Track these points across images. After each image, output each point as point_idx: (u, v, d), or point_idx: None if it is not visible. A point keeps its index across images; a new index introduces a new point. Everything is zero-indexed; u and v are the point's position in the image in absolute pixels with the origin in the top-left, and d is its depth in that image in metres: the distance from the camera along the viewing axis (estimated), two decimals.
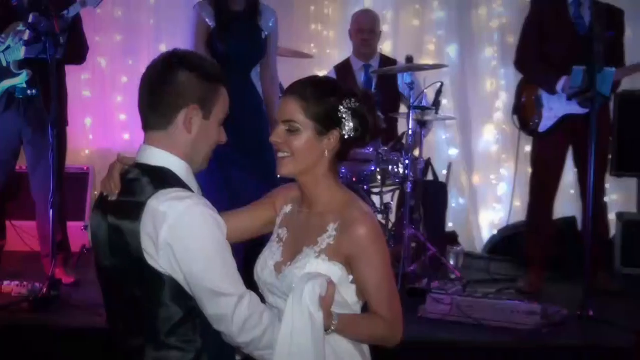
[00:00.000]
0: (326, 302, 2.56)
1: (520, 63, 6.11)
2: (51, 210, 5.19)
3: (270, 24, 5.38)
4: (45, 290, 5.03)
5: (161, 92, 2.52)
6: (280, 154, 2.76)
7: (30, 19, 5.23)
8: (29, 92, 5.40)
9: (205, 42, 5.30)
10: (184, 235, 2.40)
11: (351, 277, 2.71)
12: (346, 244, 2.69)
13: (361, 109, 2.78)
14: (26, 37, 5.31)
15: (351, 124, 2.76)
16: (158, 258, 2.41)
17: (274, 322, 2.54)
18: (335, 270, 2.68)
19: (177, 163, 2.55)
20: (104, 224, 2.53)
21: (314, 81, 2.85)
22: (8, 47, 5.42)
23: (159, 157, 2.54)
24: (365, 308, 2.80)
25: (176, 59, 2.56)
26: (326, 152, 2.75)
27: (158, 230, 2.40)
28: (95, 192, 7.25)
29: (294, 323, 2.52)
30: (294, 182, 2.88)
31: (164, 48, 7.59)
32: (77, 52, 5.69)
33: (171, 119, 2.53)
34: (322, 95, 2.74)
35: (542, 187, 6.06)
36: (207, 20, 5.31)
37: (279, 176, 2.90)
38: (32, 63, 5.40)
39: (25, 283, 5.27)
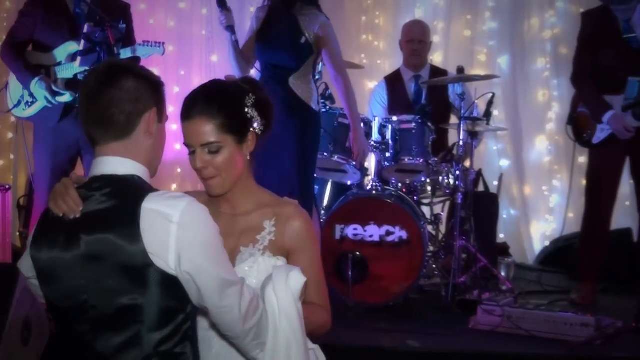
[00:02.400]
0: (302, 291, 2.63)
1: (575, 80, 6.06)
2: None
3: (314, 28, 5.35)
4: None
5: (117, 102, 2.44)
6: (207, 178, 2.72)
7: (85, 29, 5.29)
8: None
9: (250, 44, 5.43)
10: (192, 232, 2.38)
11: None
12: (286, 238, 2.74)
13: (259, 97, 2.77)
14: (81, 47, 5.37)
15: (259, 118, 2.76)
16: (168, 259, 2.36)
17: (264, 307, 2.55)
18: (279, 265, 2.71)
19: (142, 170, 2.50)
20: (74, 243, 2.41)
21: (211, 93, 2.75)
22: (60, 63, 5.48)
23: (125, 166, 2.47)
24: None
25: (118, 68, 2.50)
26: (248, 156, 2.76)
27: (166, 231, 2.36)
28: None
29: (280, 308, 2.54)
30: (197, 190, 2.89)
31: (215, 59, 7.66)
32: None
33: (133, 126, 2.47)
34: (227, 104, 2.70)
35: (598, 199, 5.99)
36: (255, 23, 5.39)
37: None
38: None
39: None
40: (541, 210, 7.84)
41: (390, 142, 5.94)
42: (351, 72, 7.08)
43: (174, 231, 2.35)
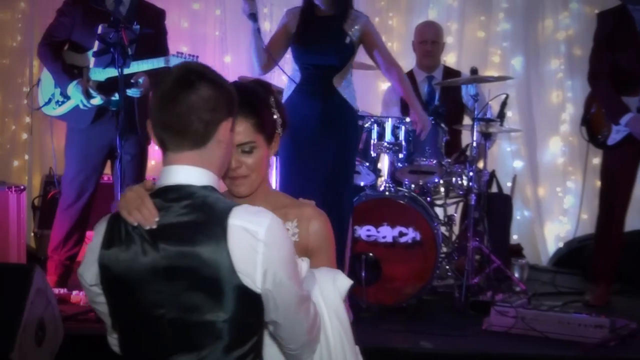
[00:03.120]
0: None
1: (593, 80, 6.02)
2: None
3: (357, 27, 5.36)
4: None
5: (197, 110, 2.36)
6: (237, 177, 2.70)
7: (99, 29, 5.31)
8: (122, 106, 5.46)
9: (281, 45, 5.40)
10: (277, 249, 2.35)
11: None
12: (310, 238, 2.78)
13: (276, 98, 2.79)
14: (95, 47, 5.40)
15: (280, 120, 2.78)
16: (255, 276, 2.31)
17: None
18: (304, 266, 2.67)
19: (215, 179, 2.44)
20: (152, 255, 2.34)
21: (247, 93, 2.73)
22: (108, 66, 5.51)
23: (199, 176, 2.40)
24: None
25: (196, 74, 2.40)
26: (271, 156, 2.80)
27: (253, 248, 2.31)
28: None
29: (330, 309, 2.57)
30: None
31: (229, 59, 7.68)
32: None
33: (210, 135, 2.40)
34: (258, 105, 2.71)
35: (612, 200, 5.97)
36: (291, 25, 5.35)
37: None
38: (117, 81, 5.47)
39: None
40: (555, 212, 7.83)
41: (403, 143, 5.93)
42: (365, 73, 7.12)
43: (261, 249, 2.31)
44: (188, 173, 2.39)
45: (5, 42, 7.60)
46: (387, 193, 5.84)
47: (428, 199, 6.12)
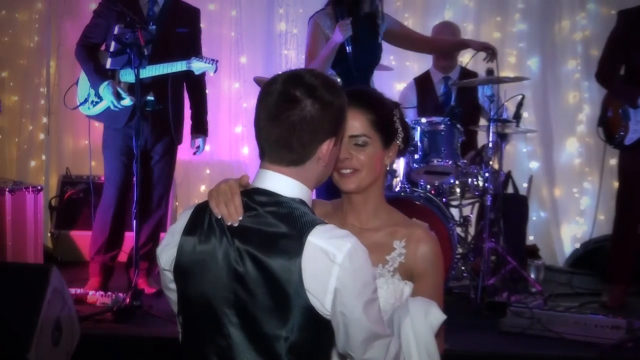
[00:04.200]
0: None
1: (601, 75, 6.02)
2: (134, 221, 5.29)
3: (388, 26, 5.47)
4: (128, 300, 5.10)
5: (296, 131, 2.32)
6: (345, 171, 2.66)
7: (116, 30, 5.34)
8: (156, 106, 5.51)
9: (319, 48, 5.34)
10: (353, 276, 2.26)
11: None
12: (416, 262, 2.67)
13: (404, 119, 2.77)
14: (111, 48, 5.42)
15: (402, 134, 2.74)
16: (324, 299, 2.26)
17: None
18: (406, 290, 2.66)
19: (307, 193, 2.41)
20: (230, 253, 2.33)
21: (372, 91, 2.81)
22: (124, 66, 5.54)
23: (292, 188, 2.38)
24: None
25: (300, 91, 2.33)
26: (387, 166, 2.73)
27: (328, 270, 2.25)
28: (177, 203, 7.35)
29: (420, 343, 2.48)
30: (319, 199, 2.82)
31: (244, 60, 7.69)
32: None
33: (309, 155, 2.37)
34: (382, 105, 2.71)
35: (629, 201, 5.94)
36: (326, 30, 5.33)
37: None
38: (160, 80, 5.52)
39: (109, 293, 5.36)
40: (571, 213, 7.80)
41: (419, 143, 5.93)
42: (380, 74, 7.11)
43: (336, 272, 2.24)
44: (281, 181, 2.37)
45: (23, 42, 7.64)
46: (402, 194, 5.84)
47: (444, 199, 6.11)
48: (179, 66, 5.47)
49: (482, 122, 6.69)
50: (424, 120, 6.01)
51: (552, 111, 7.84)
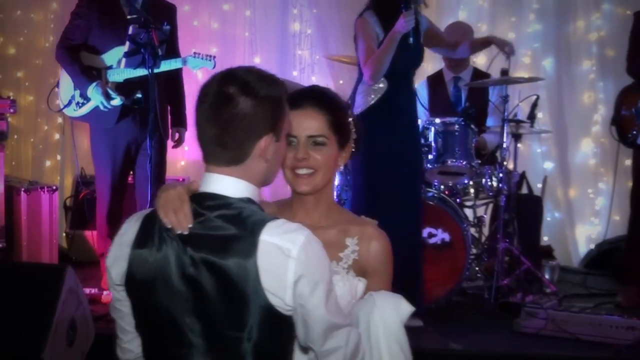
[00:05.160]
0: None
1: (633, 70, 5.97)
2: None
3: (424, 27, 5.46)
4: None
5: (230, 129, 2.31)
6: (301, 171, 2.66)
7: (130, 30, 5.34)
8: (143, 104, 5.50)
9: (377, 47, 5.28)
10: (311, 268, 2.26)
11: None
12: (369, 259, 2.70)
13: (355, 119, 2.78)
14: (126, 48, 5.42)
15: (355, 135, 2.77)
16: (284, 295, 2.24)
17: (364, 350, 2.47)
18: (360, 287, 2.68)
19: (254, 192, 2.39)
20: (183, 262, 2.30)
21: (330, 91, 2.79)
22: (111, 67, 5.54)
23: (238, 188, 2.36)
24: None
25: (234, 87, 2.32)
26: (341, 167, 2.75)
27: (284, 266, 2.24)
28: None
29: (390, 335, 2.50)
30: (264, 201, 2.78)
31: (258, 60, 7.69)
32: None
33: (245, 154, 2.35)
34: (339, 106, 2.71)
35: None
36: (377, 30, 5.28)
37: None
38: (146, 78, 5.46)
39: None
40: (586, 213, 7.78)
41: (433, 144, 5.93)
42: None
43: (293, 267, 2.24)
44: (225, 183, 2.36)
45: (38, 42, 7.66)
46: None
47: (457, 200, 6.11)
48: (174, 64, 5.48)
49: (489, 122, 6.68)
50: (438, 120, 6.00)
51: (567, 112, 7.82)
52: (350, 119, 2.75)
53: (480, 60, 7.58)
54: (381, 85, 5.25)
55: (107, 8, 5.53)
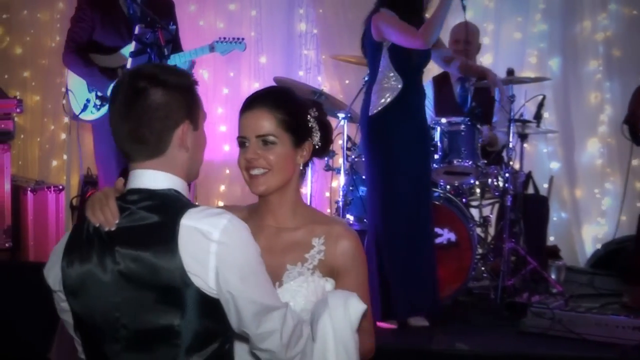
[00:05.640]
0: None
1: None
2: None
3: None
4: None
5: (145, 121, 2.33)
6: (254, 172, 2.64)
7: (136, 30, 5.35)
8: None
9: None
10: (232, 251, 2.26)
11: None
12: (336, 258, 2.65)
13: (323, 118, 2.75)
14: (132, 48, 5.43)
15: (319, 133, 2.73)
16: (207, 279, 2.25)
17: (309, 334, 2.44)
18: (328, 287, 2.63)
19: (180, 183, 2.39)
20: (109, 258, 2.31)
21: (277, 90, 2.79)
22: (124, 65, 5.55)
23: (162, 180, 2.36)
24: None
25: (144, 81, 2.34)
26: (300, 165, 2.71)
27: (205, 249, 2.25)
28: (197, 203, 7.36)
29: (337, 337, 2.46)
30: (233, 205, 2.82)
31: (264, 60, 7.70)
32: None
33: (165, 143, 2.36)
34: (291, 104, 2.68)
35: None
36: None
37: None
38: None
39: None
40: (593, 213, 7.76)
41: (439, 144, 5.92)
42: None
43: (214, 250, 2.24)
44: (149, 177, 2.37)
45: (45, 42, 7.68)
46: None
47: (463, 200, 6.11)
48: (200, 52, 5.52)
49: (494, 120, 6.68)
50: (444, 120, 6.00)
51: (573, 112, 7.81)
52: (313, 117, 2.71)
53: (486, 60, 7.58)
54: (395, 82, 5.25)
55: (107, 7, 5.53)
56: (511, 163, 5.99)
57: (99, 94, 5.59)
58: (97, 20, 5.56)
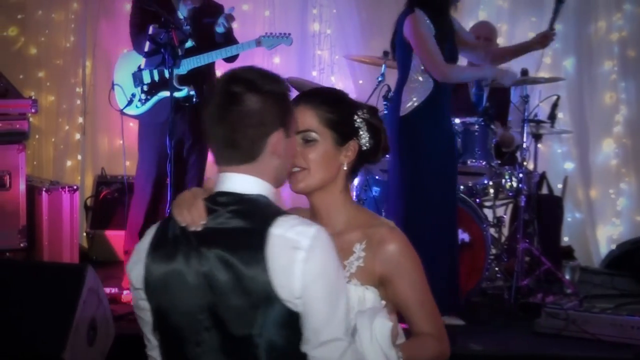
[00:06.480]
0: (393, 336, 2.40)
1: None
2: None
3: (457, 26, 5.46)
4: None
5: (239, 127, 2.31)
6: (294, 169, 2.55)
7: (150, 30, 5.37)
8: (194, 100, 5.60)
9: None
10: (320, 260, 2.23)
11: (383, 303, 2.51)
12: (378, 264, 2.53)
13: (374, 121, 2.66)
14: (146, 48, 5.45)
15: (367, 135, 2.63)
16: (292, 289, 2.20)
17: None
18: (368, 295, 2.51)
19: (269, 189, 2.36)
20: (196, 259, 2.29)
21: (324, 89, 2.75)
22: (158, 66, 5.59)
23: (252, 185, 2.34)
24: None
25: (240, 86, 2.32)
26: (344, 166, 2.61)
27: (292, 258, 2.21)
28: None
29: None
30: (294, 208, 2.75)
31: (277, 60, 7.69)
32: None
33: (258, 150, 2.33)
34: (336, 102, 2.61)
35: None
36: (430, 26, 5.23)
37: None
38: (198, 74, 5.60)
39: None
40: (607, 214, 7.74)
41: None
42: None
43: (301, 257, 2.20)
44: (239, 180, 2.34)
45: (59, 42, 7.69)
46: None
47: (477, 200, 6.09)
48: (247, 46, 5.64)
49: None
50: (457, 120, 5.98)
51: (588, 112, 7.79)
52: (360, 118, 2.63)
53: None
54: (425, 83, 5.24)
55: (162, 4, 5.58)
56: (525, 163, 5.98)
57: (145, 88, 5.67)
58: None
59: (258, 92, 2.32)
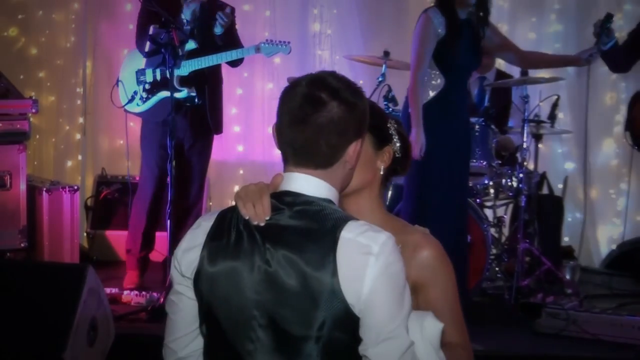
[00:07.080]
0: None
1: None
2: (168, 221, 5.30)
3: (486, 31, 5.47)
4: (162, 300, 5.12)
5: (325, 133, 2.29)
6: None
7: (150, 30, 5.38)
8: (196, 101, 5.62)
9: (431, 49, 5.27)
10: (389, 266, 2.21)
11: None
12: (413, 270, 2.47)
13: (403, 131, 2.67)
14: (146, 48, 5.46)
15: (399, 143, 2.63)
16: (360, 293, 2.18)
17: None
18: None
19: (335, 195, 2.36)
20: (257, 255, 2.27)
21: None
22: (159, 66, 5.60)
23: (321, 188, 2.33)
24: None
25: (325, 93, 2.29)
26: (381, 170, 2.60)
27: (363, 262, 2.19)
28: (211, 203, 7.37)
29: None
30: None
31: (278, 60, 7.69)
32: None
33: (337, 158, 2.33)
34: (373, 108, 2.58)
35: None
36: (439, 28, 5.26)
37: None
38: (200, 75, 5.63)
39: (143, 293, 5.40)
40: (608, 214, 7.74)
41: None
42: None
43: (372, 263, 2.19)
44: (309, 182, 2.33)
45: (59, 43, 7.69)
46: None
47: (477, 200, 6.10)
48: (247, 52, 5.67)
49: (510, 123, 6.66)
50: None
51: (589, 112, 7.78)
52: (393, 126, 2.63)
53: (501, 60, 7.56)
54: (437, 80, 5.25)
55: (169, 4, 5.61)
56: (525, 163, 5.98)
57: (147, 86, 5.69)
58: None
59: (344, 102, 2.30)
